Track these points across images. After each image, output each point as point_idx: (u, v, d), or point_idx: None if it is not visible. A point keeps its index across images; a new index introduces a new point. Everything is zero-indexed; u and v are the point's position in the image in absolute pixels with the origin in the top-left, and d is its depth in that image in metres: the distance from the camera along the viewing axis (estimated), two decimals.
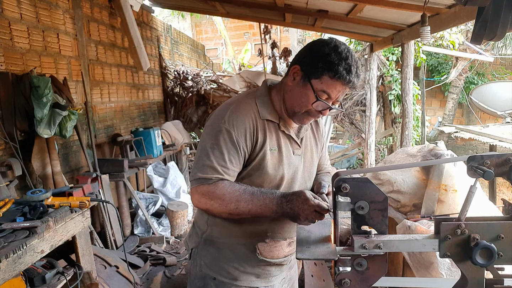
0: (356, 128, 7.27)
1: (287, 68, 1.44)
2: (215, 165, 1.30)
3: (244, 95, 1.44)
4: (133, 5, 4.86)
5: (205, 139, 1.35)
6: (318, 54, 1.29)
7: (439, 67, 10.55)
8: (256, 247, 1.40)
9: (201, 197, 1.32)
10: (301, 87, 1.33)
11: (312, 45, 1.35)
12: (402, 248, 1.01)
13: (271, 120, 1.38)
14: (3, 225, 1.72)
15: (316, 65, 1.28)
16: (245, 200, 1.28)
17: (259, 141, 1.34)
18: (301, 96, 1.33)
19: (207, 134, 1.35)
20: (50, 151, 3.15)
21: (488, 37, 1.84)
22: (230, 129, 1.31)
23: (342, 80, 1.26)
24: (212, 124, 1.36)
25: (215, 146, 1.31)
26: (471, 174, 0.97)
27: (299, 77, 1.33)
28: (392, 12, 3.63)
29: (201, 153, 1.34)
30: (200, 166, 1.32)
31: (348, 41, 6.87)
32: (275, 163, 1.37)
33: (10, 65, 2.95)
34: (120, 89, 5.02)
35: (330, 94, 1.30)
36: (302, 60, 1.33)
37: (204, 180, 1.30)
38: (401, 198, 2.68)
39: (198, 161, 1.34)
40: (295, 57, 1.38)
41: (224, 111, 1.35)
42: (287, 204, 1.25)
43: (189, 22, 13.54)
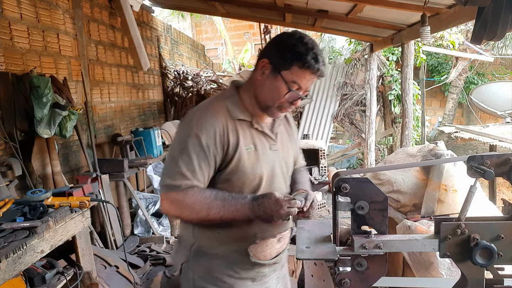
0: (356, 128, 7.28)
1: (256, 63, 1.41)
2: (183, 171, 1.27)
3: (213, 98, 1.42)
4: (133, 5, 4.86)
5: (174, 145, 1.34)
6: (285, 46, 1.29)
7: (439, 67, 10.55)
8: (249, 250, 1.38)
9: (171, 204, 1.29)
10: (271, 80, 1.32)
11: (278, 38, 1.37)
12: (402, 248, 1.01)
13: (243, 119, 1.36)
14: (3, 225, 1.72)
15: (284, 57, 1.28)
16: (216, 207, 1.26)
17: (231, 142, 1.31)
18: (273, 89, 1.33)
19: (177, 139, 1.34)
20: (50, 151, 3.15)
21: (488, 37, 1.84)
22: (199, 133, 1.28)
23: (311, 69, 1.28)
24: (181, 129, 1.35)
25: (183, 152, 1.28)
26: (471, 174, 0.97)
27: (269, 71, 1.33)
28: (392, 12, 3.63)
29: (170, 159, 1.32)
30: (169, 172, 1.29)
31: (348, 41, 6.87)
32: (253, 162, 1.35)
33: (10, 65, 2.95)
34: (120, 89, 5.02)
35: (300, 84, 1.31)
36: (270, 54, 1.33)
37: (173, 187, 1.27)
38: (401, 198, 2.68)
39: (167, 167, 1.32)
40: (262, 52, 1.38)
41: (192, 115, 1.33)
42: (259, 207, 1.26)
43: (189, 22, 13.53)
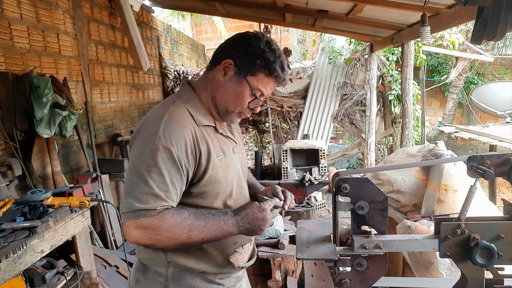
0: (356, 128, 7.27)
1: (214, 61, 1.28)
2: (156, 191, 1.11)
3: (169, 103, 1.24)
4: (133, 5, 4.86)
5: (138, 162, 1.13)
6: (254, 50, 1.21)
7: (439, 67, 10.55)
8: (230, 260, 1.31)
9: (144, 232, 1.11)
10: (235, 83, 1.23)
11: (244, 40, 1.25)
12: (402, 248, 1.01)
13: (208, 125, 1.25)
14: (3, 225, 1.72)
15: (253, 62, 1.21)
16: (198, 228, 1.14)
17: (203, 152, 1.19)
18: (237, 94, 1.24)
19: (139, 155, 1.14)
20: (50, 151, 3.15)
21: (488, 37, 1.84)
22: (169, 145, 1.12)
23: (277, 78, 1.24)
24: (144, 142, 1.15)
25: (152, 169, 1.11)
26: (471, 174, 0.97)
27: (232, 73, 1.23)
28: (392, 12, 3.63)
29: (135, 179, 1.12)
30: (138, 194, 1.10)
31: (348, 41, 6.87)
32: (225, 169, 1.26)
33: (10, 65, 2.95)
34: (120, 89, 5.02)
35: (263, 92, 1.26)
36: (236, 55, 1.23)
37: (146, 212, 1.10)
38: (401, 198, 2.68)
39: (133, 189, 1.12)
40: (224, 51, 1.27)
41: (155, 125, 1.15)
42: (244, 220, 1.18)
43: (189, 22, 13.53)
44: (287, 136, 7.28)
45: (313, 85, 7.28)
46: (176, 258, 1.25)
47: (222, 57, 1.25)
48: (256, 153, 7.11)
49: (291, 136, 7.24)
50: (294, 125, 7.31)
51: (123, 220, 1.13)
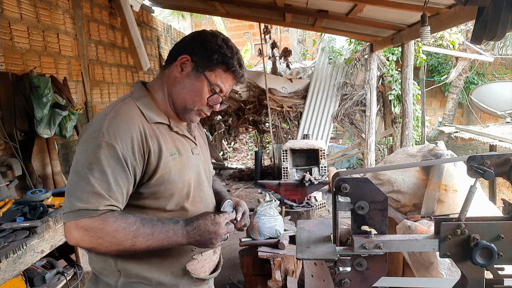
0: (356, 128, 7.28)
1: (170, 59, 1.24)
2: (98, 190, 1.04)
3: (119, 101, 1.20)
4: (133, 5, 4.86)
5: (80, 160, 1.07)
6: (211, 46, 1.19)
7: (439, 67, 10.55)
8: (187, 268, 1.23)
9: (84, 234, 1.03)
10: (193, 79, 1.20)
11: (200, 36, 1.23)
12: (402, 248, 1.01)
13: (161, 123, 1.20)
14: (3, 225, 1.72)
15: (210, 57, 1.18)
16: (143, 235, 1.07)
17: (152, 150, 1.13)
18: (195, 90, 1.20)
19: (81, 153, 1.08)
20: (50, 151, 3.15)
21: (488, 37, 1.84)
22: (113, 142, 1.06)
23: (235, 73, 1.22)
24: (87, 139, 1.08)
25: (93, 166, 1.04)
26: (471, 174, 0.97)
27: (190, 68, 1.20)
28: (392, 12, 3.63)
29: (76, 178, 1.06)
30: (78, 193, 1.04)
31: (348, 41, 6.87)
32: (180, 169, 1.19)
33: (10, 65, 2.95)
34: (120, 89, 5.02)
35: (222, 88, 1.22)
36: (192, 51, 1.19)
37: (87, 212, 1.03)
38: (401, 198, 2.68)
39: (73, 187, 1.05)
40: (180, 48, 1.23)
41: (99, 122, 1.10)
42: (195, 232, 1.12)
43: (189, 22, 13.52)
44: (287, 136, 7.29)
45: (313, 85, 7.29)
46: (127, 266, 1.16)
47: (178, 53, 1.21)
48: (256, 153, 7.11)
49: (291, 136, 7.24)
50: (294, 125, 7.32)
51: (64, 220, 1.05)
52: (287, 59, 7.65)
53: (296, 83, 7.43)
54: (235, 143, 10.20)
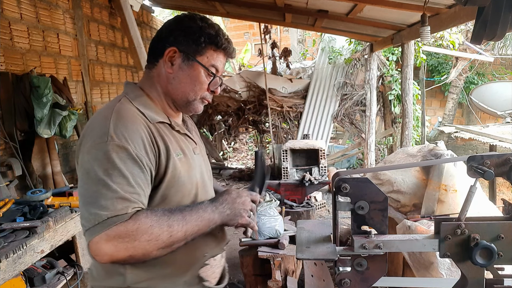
0: (356, 128, 7.28)
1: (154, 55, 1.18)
2: (123, 194, 0.96)
3: (114, 102, 1.11)
4: (133, 5, 4.86)
5: (91, 169, 0.98)
6: (193, 30, 1.13)
7: (439, 67, 10.55)
8: (200, 275, 1.18)
9: (119, 243, 0.94)
10: (186, 70, 1.14)
11: (179, 23, 1.16)
12: (402, 248, 1.01)
13: (162, 122, 1.14)
14: (3, 225, 1.72)
15: (196, 41, 1.13)
16: (177, 222, 1.01)
17: (161, 150, 1.07)
18: (192, 80, 1.15)
19: (91, 161, 0.98)
20: (50, 151, 3.15)
21: (488, 37, 1.84)
22: (124, 143, 0.99)
23: (226, 49, 1.18)
24: (93, 146, 1.00)
25: (111, 172, 0.97)
26: (471, 174, 0.97)
27: (180, 60, 1.14)
28: (392, 12, 3.63)
29: (93, 186, 0.97)
30: (101, 202, 0.95)
31: (348, 41, 6.87)
32: (187, 170, 1.14)
33: (10, 65, 2.95)
34: (120, 89, 5.02)
35: (218, 68, 1.18)
36: (176, 41, 1.13)
37: (117, 218, 0.95)
38: (401, 198, 2.68)
39: (93, 198, 0.96)
40: (161, 42, 1.16)
41: (102, 126, 1.02)
42: (223, 206, 1.10)
43: None
44: (287, 136, 7.29)
45: (313, 85, 7.29)
46: (138, 280, 1.08)
47: (161, 48, 1.15)
48: (256, 153, 7.11)
49: (291, 136, 7.24)
50: (294, 125, 7.32)
51: (89, 237, 0.94)
52: (287, 59, 7.65)
53: (296, 83, 7.43)
54: (235, 143, 10.20)
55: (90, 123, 1.08)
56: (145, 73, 1.21)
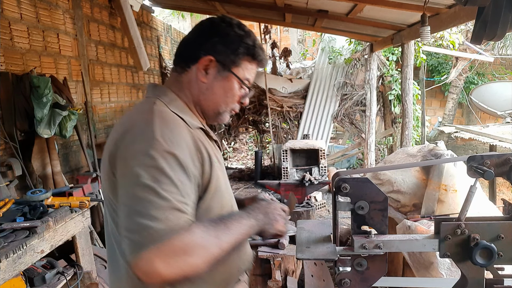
0: (356, 128, 7.28)
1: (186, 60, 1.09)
2: (175, 203, 0.87)
3: (149, 106, 1.01)
4: (133, 5, 4.86)
5: (139, 174, 0.87)
6: (232, 38, 1.07)
7: (439, 67, 10.55)
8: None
9: (173, 260, 0.83)
10: (221, 81, 1.08)
11: (216, 29, 1.08)
12: (402, 248, 1.01)
13: (200, 128, 1.08)
14: (3, 225, 1.72)
15: (235, 52, 1.06)
16: (223, 232, 0.94)
17: (205, 158, 1.00)
18: (226, 92, 1.09)
19: (138, 166, 0.88)
20: (50, 151, 3.15)
21: (488, 37, 1.83)
22: (171, 149, 0.91)
23: (261, 61, 1.13)
24: (139, 151, 0.90)
25: (161, 178, 0.87)
26: (471, 174, 0.97)
27: (215, 70, 1.07)
28: (392, 12, 3.63)
29: (141, 193, 0.86)
30: (152, 212, 0.84)
31: (348, 41, 6.87)
32: (224, 177, 1.10)
33: (10, 65, 2.95)
34: (120, 89, 5.03)
35: (250, 80, 1.14)
36: (214, 49, 1.05)
37: (171, 231, 0.84)
38: (401, 198, 2.68)
39: (143, 206, 0.85)
40: (195, 47, 1.07)
41: (147, 130, 0.93)
42: (257, 213, 1.05)
43: (189, 22, 13.52)
44: (287, 136, 7.29)
45: (313, 85, 7.29)
46: None
47: (195, 54, 1.07)
48: (256, 153, 7.11)
49: (291, 136, 7.24)
50: (294, 125, 7.32)
51: (137, 252, 0.82)
52: (287, 59, 7.65)
53: (296, 83, 7.43)
54: (235, 143, 10.19)
55: (125, 129, 0.97)
56: (173, 76, 1.12)
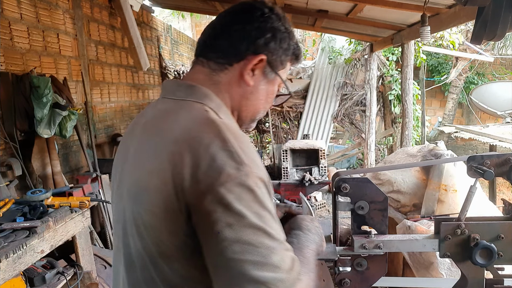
0: (356, 128, 7.28)
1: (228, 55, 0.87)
2: (285, 244, 0.74)
3: (202, 113, 0.82)
4: (133, 5, 4.86)
5: (241, 211, 0.69)
6: (284, 36, 0.89)
7: (439, 67, 10.55)
8: None
9: None
10: (266, 84, 0.91)
11: (267, 21, 0.87)
12: (402, 248, 1.01)
13: None
14: (3, 225, 1.72)
15: (286, 51, 0.90)
16: (306, 260, 0.84)
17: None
18: (268, 95, 0.93)
19: (238, 201, 0.69)
20: (50, 151, 3.15)
21: (488, 37, 1.84)
22: (259, 173, 0.74)
23: (300, 62, 0.98)
24: (231, 180, 0.70)
25: (262, 213, 0.71)
26: (471, 174, 0.97)
27: (261, 71, 0.88)
28: (392, 12, 3.63)
29: (252, 237, 0.69)
30: (274, 260, 0.69)
31: (348, 41, 6.87)
32: None
33: (10, 65, 2.95)
34: (120, 89, 5.02)
35: None
36: (266, 47, 0.86)
37: (293, 279, 0.71)
38: (401, 198, 2.68)
39: (261, 254, 0.68)
40: (241, 41, 0.86)
41: (229, 151, 0.73)
42: (314, 235, 0.92)
43: (189, 22, 13.53)
44: (287, 136, 7.29)
45: (313, 85, 7.29)
46: None
47: (242, 51, 0.86)
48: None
49: (291, 136, 7.24)
50: (294, 125, 7.32)
51: None
52: None
53: (296, 83, 7.43)
54: None
55: (194, 147, 0.74)
56: (204, 73, 0.89)
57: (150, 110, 0.93)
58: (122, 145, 0.96)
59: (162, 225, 0.76)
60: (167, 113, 0.84)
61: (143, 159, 0.81)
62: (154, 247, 0.78)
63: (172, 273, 0.77)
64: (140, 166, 0.81)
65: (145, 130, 0.86)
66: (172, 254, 0.77)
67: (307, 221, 0.95)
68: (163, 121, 0.83)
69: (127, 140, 0.93)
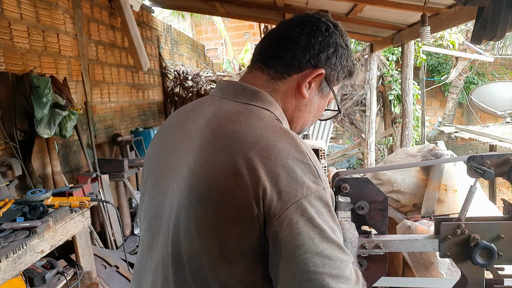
0: (356, 128, 7.28)
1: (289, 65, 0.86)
2: (351, 256, 0.77)
3: (273, 121, 0.81)
4: (133, 5, 4.86)
5: (321, 227, 0.71)
6: (344, 52, 0.90)
7: (439, 67, 10.56)
8: None
9: None
10: (319, 98, 0.91)
11: (331, 36, 0.88)
12: (402, 248, 1.01)
13: None
14: (3, 225, 1.72)
15: (344, 68, 0.91)
16: None
17: None
18: (319, 109, 0.94)
19: (318, 215, 0.71)
20: (50, 151, 3.15)
21: (488, 37, 1.83)
22: (328, 187, 0.77)
23: (352, 78, 0.99)
24: (312, 194, 0.72)
25: (335, 228, 0.75)
26: (471, 174, 0.97)
27: (317, 85, 0.89)
28: (392, 12, 3.63)
29: (330, 251, 0.71)
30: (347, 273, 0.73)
31: None
32: None
33: (10, 65, 2.95)
34: (120, 89, 5.02)
35: None
36: (328, 62, 0.87)
37: (363, 285, 0.77)
38: (401, 198, 2.68)
39: (338, 268, 0.71)
40: (303, 53, 0.86)
41: (307, 164, 0.74)
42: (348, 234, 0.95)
43: (189, 22, 13.53)
44: None
45: None
46: None
47: (303, 62, 0.86)
48: None
49: None
50: None
51: None
52: None
53: None
54: None
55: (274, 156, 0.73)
56: (263, 80, 0.88)
57: (207, 107, 0.88)
58: (165, 138, 0.91)
59: (232, 228, 0.74)
60: (237, 115, 0.81)
61: (212, 158, 0.76)
62: (216, 249, 0.76)
63: (229, 276, 0.76)
64: (208, 165, 0.76)
65: (211, 129, 0.81)
66: (234, 258, 0.75)
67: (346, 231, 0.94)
68: (234, 123, 0.79)
69: (175, 133, 0.88)
